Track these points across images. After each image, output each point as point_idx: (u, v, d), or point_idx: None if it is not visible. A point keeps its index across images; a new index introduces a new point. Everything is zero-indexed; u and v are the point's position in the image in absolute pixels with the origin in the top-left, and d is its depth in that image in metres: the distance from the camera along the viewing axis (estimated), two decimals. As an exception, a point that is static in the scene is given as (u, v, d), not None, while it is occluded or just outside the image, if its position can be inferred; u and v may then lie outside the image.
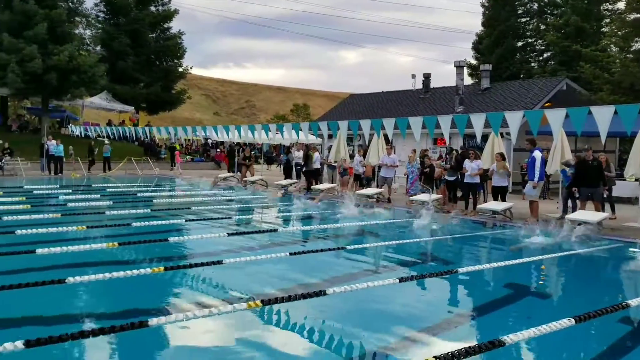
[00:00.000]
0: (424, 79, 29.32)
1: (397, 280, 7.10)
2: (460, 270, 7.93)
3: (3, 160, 23.78)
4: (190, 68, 40.99)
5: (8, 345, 4.41)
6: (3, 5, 27.81)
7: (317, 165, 19.49)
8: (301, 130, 16.24)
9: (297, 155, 22.12)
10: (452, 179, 14.71)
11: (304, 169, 19.97)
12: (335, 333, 5.23)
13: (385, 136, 17.56)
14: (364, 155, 18.57)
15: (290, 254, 8.55)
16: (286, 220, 12.58)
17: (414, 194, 15.87)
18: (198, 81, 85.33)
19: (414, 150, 17.07)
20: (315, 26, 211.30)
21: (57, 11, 27.89)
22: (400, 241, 10.27)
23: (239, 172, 23.88)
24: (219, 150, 37.47)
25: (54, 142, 24.63)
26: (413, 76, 30.61)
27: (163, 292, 6.75)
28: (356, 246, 9.46)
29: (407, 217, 13.81)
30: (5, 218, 11.35)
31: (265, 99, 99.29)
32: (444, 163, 16.83)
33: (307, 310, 5.93)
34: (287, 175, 22.79)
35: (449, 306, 6.67)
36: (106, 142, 27.08)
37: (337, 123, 15.60)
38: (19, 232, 9.70)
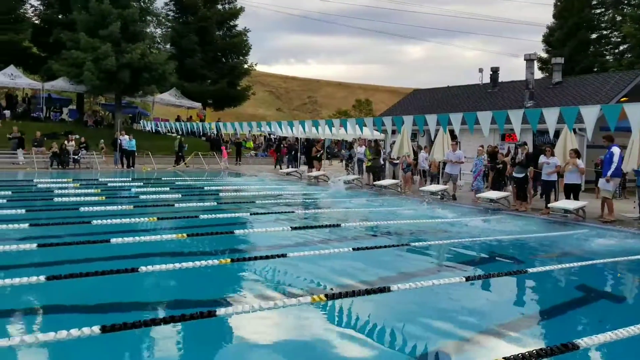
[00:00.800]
0: (491, 73, 28.44)
1: (464, 279, 6.92)
2: (530, 270, 7.64)
3: (79, 154, 25.04)
4: (255, 65, 41.66)
5: (86, 330, 4.62)
6: (80, 6, 29.23)
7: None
8: (365, 125, 16.14)
9: (360, 150, 22.05)
10: (520, 175, 14.17)
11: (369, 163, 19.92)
12: (399, 331, 5.16)
13: (452, 132, 17.17)
14: (429, 152, 18.27)
15: (354, 249, 8.52)
16: (349, 216, 12.54)
17: (477, 189, 15.44)
18: (261, 77, 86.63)
19: (482, 146, 16.61)
20: (377, 20, 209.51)
21: (130, 10, 29.03)
22: (468, 239, 10.01)
23: (302, 167, 24.06)
24: (282, 145, 37.91)
25: (126, 136, 25.71)
26: (480, 70, 29.74)
27: (229, 283, 6.88)
28: (421, 243, 9.30)
29: (472, 215, 13.46)
30: (82, 209, 11.94)
31: (327, 94, 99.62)
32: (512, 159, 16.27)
33: (370, 306, 5.88)
34: (350, 170, 22.76)
35: (518, 307, 6.43)
36: (178, 136, 28.22)
37: (401, 118, 15.40)
38: (94, 222, 10.18)
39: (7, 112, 30.69)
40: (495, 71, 28.22)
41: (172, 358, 4.62)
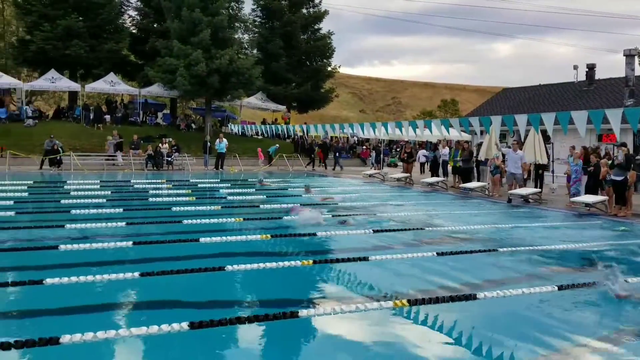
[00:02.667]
0: (587, 69, 26.85)
1: (556, 288, 6.55)
2: (631, 280, 7.08)
3: (172, 156, 26.33)
4: (339, 67, 41.90)
5: (175, 326, 4.83)
6: (173, 15, 30.73)
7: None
8: (451, 126, 15.71)
9: (444, 152, 21.57)
10: (619, 178, 13.22)
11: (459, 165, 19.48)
12: (484, 340, 4.96)
13: (543, 132, 16.37)
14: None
15: (438, 253, 8.31)
16: (433, 219, 12.28)
17: (575, 194, 14.61)
18: (345, 79, 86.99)
19: (573, 147, 15.72)
20: (462, 18, 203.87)
21: (219, 18, 30.15)
22: (560, 246, 9.49)
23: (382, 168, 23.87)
24: (364, 147, 37.88)
25: (217, 139, 26.70)
26: (575, 67, 28.17)
27: (311, 285, 6.93)
28: (509, 249, 8.91)
29: (565, 220, 12.75)
30: (174, 209, 12.52)
31: (411, 95, 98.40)
32: (610, 161, 15.25)
33: (455, 313, 5.70)
34: (434, 172, 22.31)
35: (615, 322, 5.97)
36: (277, 145, 29.15)
37: (489, 118, 14.86)
38: (185, 221, 10.64)
39: (108, 117, 32.84)
40: (591, 68, 26.62)
41: (254, 356, 4.71)
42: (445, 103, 70.75)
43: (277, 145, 30.14)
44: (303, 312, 5.41)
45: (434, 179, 20.44)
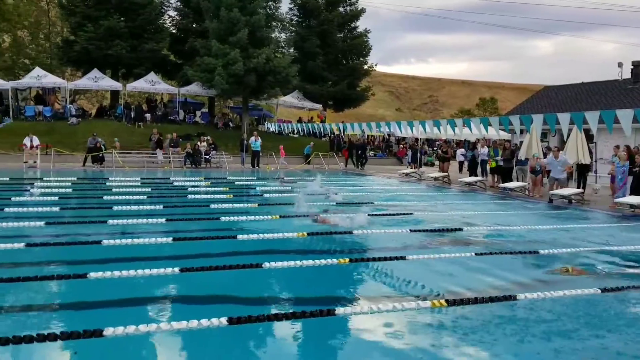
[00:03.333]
0: (632, 67, 26.00)
1: (599, 291, 6.36)
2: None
3: (210, 154, 26.70)
4: (375, 65, 41.71)
5: (214, 321, 4.90)
6: (212, 15, 31.15)
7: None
8: (490, 125, 15.44)
9: (483, 151, 21.23)
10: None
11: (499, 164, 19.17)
12: (524, 342, 4.86)
13: (587, 131, 15.93)
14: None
15: (476, 254, 8.19)
16: (472, 219, 12.10)
17: (621, 196, 14.17)
18: (381, 78, 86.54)
19: (617, 147, 15.24)
20: (500, 15, 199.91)
21: (257, 17, 30.40)
22: (604, 247, 9.21)
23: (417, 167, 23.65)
24: (400, 146, 37.61)
25: (252, 137, 26.98)
26: (620, 64, 27.33)
27: (348, 283, 6.93)
28: (550, 250, 8.70)
29: (608, 221, 12.37)
30: (212, 206, 12.70)
31: (448, 93, 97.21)
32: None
33: (494, 314, 5.60)
34: (473, 172, 21.98)
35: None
36: (312, 143, 29.26)
37: (530, 117, 14.55)
38: (223, 218, 10.78)
39: (148, 116, 33.54)
40: (637, 65, 25.79)
41: (291, 353, 4.74)
42: (484, 101, 69.62)
43: (312, 143, 30.22)
44: (340, 310, 5.42)
45: (473, 179, 20.14)
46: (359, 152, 29.48)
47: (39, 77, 31.09)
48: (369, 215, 12.03)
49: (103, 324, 4.69)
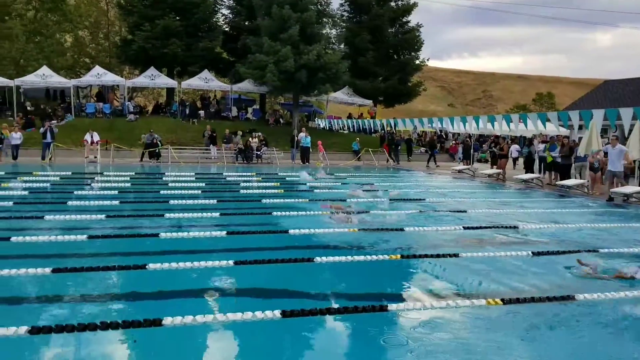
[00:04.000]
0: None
1: (665, 294, 6.07)
2: None
3: (261, 150, 27.06)
4: (427, 60, 41.12)
5: (268, 313, 4.98)
6: (263, 13, 31.51)
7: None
8: (548, 120, 14.96)
9: (540, 147, 20.61)
10: None
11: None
12: (583, 342, 4.71)
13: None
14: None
15: (534, 253, 7.96)
16: (528, 217, 11.77)
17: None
18: (433, 72, 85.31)
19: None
20: (558, 7, 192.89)
21: (308, 14, 30.52)
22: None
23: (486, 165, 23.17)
24: (453, 142, 36.98)
25: (302, 134, 27.15)
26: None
27: (400, 280, 6.88)
28: (609, 250, 8.36)
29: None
30: (264, 201, 12.87)
31: (503, 88, 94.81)
32: None
33: (552, 315, 5.44)
34: (529, 169, 21.37)
35: None
36: (357, 139, 29.20)
37: (590, 112, 14.02)
38: (274, 213, 10.91)
39: (202, 112, 34.29)
40: None
41: (343, 348, 4.76)
42: (540, 96, 67.53)
43: (358, 139, 30.13)
44: (392, 306, 5.40)
45: (529, 176, 19.59)
46: (396, 147, 29.36)
47: (99, 76, 32.29)
48: (419, 212, 11.91)
49: (161, 314, 4.85)
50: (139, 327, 4.66)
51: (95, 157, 24.13)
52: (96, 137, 24.85)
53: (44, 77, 30.57)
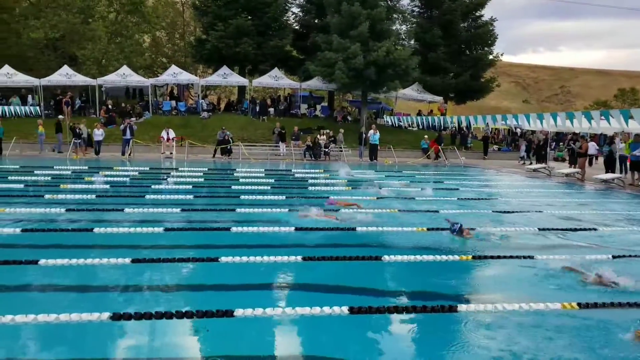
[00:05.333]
0: None
1: None
2: None
3: (329, 147, 27.17)
4: (501, 55, 39.82)
5: (336, 309, 5.01)
6: (333, 10, 31.60)
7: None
8: (632, 117, 14.09)
9: (622, 146, 19.50)
10: None
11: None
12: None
13: None
14: None
15: (614, 256, 7.56)
16: (608, 218, 11.17)
17: None
18: (507, 68, 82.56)
19: None
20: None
21: (378, 10, 30.30)
22: None
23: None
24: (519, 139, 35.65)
25: (371, 131, 27.03)
26: None
27: (471, 280, 6.74)
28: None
29: None
30: (331, 197, 12.91)
31: (582, 83, 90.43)
32: None
33: (631, 321, 5.14)
34: (610, 168, 20.26)
35: None
36: (425, 137, 28.77)
37: (679, 108, 13.08)
38: (342, 210, 10.94)
39: (272, 110, 34.88)
40: None
41: (409, 346, 4.71)
42: (623, 92, 63.86)
43: (426, 136, 29.61)
44: (462, 307, 5.29)
45: (610, 175, 18.60)
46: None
47: (175, 75, 33.54)
48: (492, 211, 11.59)
49: (233, 305, 4.99)
50: (212, 317, 4.83)
51: (171, 153, 25.10)
52: (172, 134, 25.82)
53: (124, 76, 32.11)
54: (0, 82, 30.46)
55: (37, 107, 29.24)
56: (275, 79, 34.52)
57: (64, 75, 31.04)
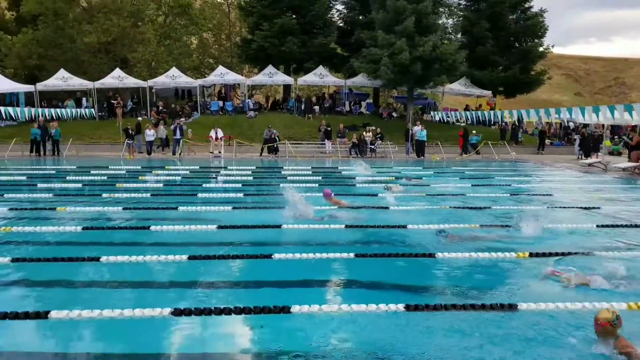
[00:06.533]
0: None
1: None
2: None
3: (376, 144, 27.03)
4: (552, 47, 38.62)
5: (392, 306, 4.99)
6: (378, 6, 31.37)
7: None
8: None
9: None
10: None
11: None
12: None
13: None
14: None
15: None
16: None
17: None
18: (557, 60, 79.82)
19: None
20: None
21: (423, 4, 29.88)
22: None
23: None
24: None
25: (418, 127, 26.73)
26: None
27: (529, 278, 6.55)
28: None
29: None
30: (380, 195, 12.85)
31: (637, 74, 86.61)
32: None
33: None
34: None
35: None
36: (473, 132, 28.28)
37: None
38: (392, 208, 10.86)
39: (317, 108, 34.96)
40: None
41: (467, 344, 4.62)
42: (683, 82, 60.78)
43: (474, 131, 29.01)
44: (522, 306, 5.17)
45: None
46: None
47: (222, 75, 34.07)
48: (547, 207, 11.27)
49: (288, 302, 5.04)
50: (269, 313, 4.88)
51: (220, 152, 25.53)
52: (220, 134, 26.25)
53: (173, 77, 32.85)
54: (57, 86, 31.74)
55: (92, 110, 30.35)
56: (320, 77, 34.57)
57: (116, 78, 32.05)
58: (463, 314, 5.05)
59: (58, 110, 27.85)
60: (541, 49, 37.40)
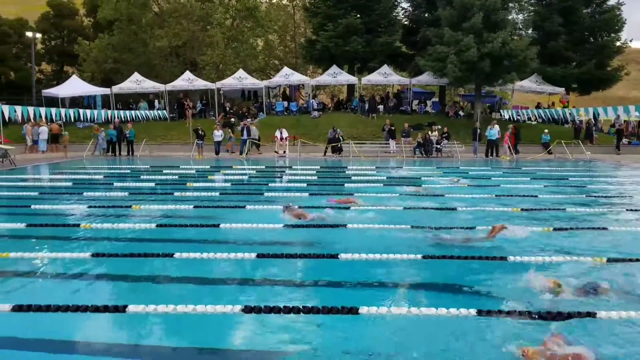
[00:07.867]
0: None
1: None
2: None
3: (442, 144, 26.54)
4: (630, 41, 36.62)
5: (463, 311, 4.88)
6: (444, 3, 30.80)
7: None
8: None
9: None
10: None
11: None
12: None
13: None
14: None
15: None
16: None
17: None
18: (635, 55, 75.48)
19: None
20: None
21: (492, 0, 29.07)
22: None
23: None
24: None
25: (490, 126, 25.96)
26: None
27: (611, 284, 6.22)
28: None
29: None
30: (447, 195, 12.60)
31: None
32: None
33: None
34: None
35: None
36: (545, 130, 27.36)
37: None
38: (459, 209, 10.62)
39: (381, 107, 34.76)
40: None
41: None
42: None
43: (546, 130, 27.88)
44: (601, 314, 4.92)
45: None
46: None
47: (287, 76, 34.53)
48: (627, 210, 10.68)
49: (355, 303, 5.02)
50: (337, 313, 4.89)
51: (285, 152, 25.87)
52: (285, 134, 26.61)
53: (240, 79, 33.61)
54: (131, 89, 33.22)
55: (165, 111, 31.54)
56: (385, 76, 34.36)
57: (186, 81, 33.17)
58: (539, 321, 4.85)
59: (132, 112, 29.13)
60: (618, 43, 35.59)
